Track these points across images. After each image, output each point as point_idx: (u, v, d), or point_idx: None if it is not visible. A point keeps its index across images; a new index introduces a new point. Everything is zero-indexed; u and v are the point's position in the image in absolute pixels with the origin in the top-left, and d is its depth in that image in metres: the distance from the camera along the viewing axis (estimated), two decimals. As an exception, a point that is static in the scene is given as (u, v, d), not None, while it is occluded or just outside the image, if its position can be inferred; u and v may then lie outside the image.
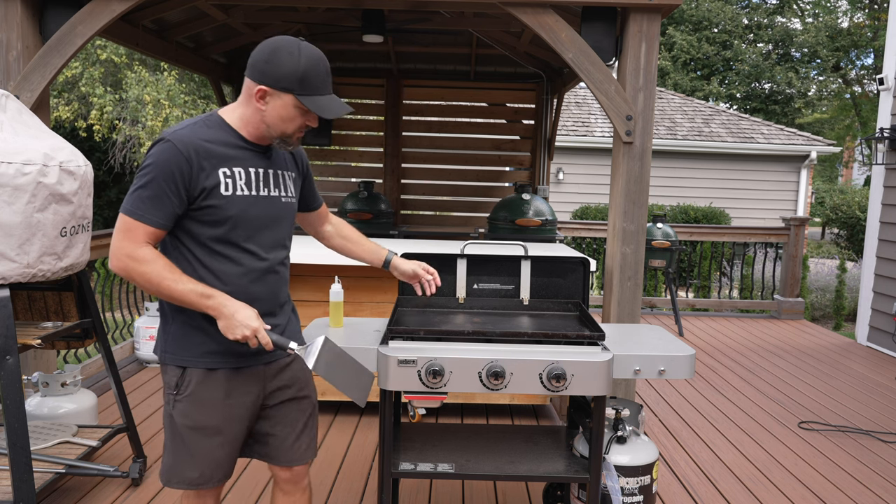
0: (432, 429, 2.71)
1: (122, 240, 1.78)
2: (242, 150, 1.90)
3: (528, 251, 2.71)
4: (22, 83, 3.40)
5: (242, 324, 1.79)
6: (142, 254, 1.77)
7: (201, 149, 1.82)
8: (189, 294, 1.79)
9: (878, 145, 6.50)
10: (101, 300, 5.08)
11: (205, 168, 1.81)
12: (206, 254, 1.88)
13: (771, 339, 6.73)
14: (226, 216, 1.85)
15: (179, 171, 1.78)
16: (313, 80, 1.83)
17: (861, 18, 23.74)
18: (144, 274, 1.77)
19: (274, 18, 5.67)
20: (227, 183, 1.85)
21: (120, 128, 11.34)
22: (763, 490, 3.36)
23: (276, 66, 1.80)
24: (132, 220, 1.78)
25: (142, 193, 1.78)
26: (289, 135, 1.89)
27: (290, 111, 1.84)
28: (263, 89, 1.82)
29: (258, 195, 1.92)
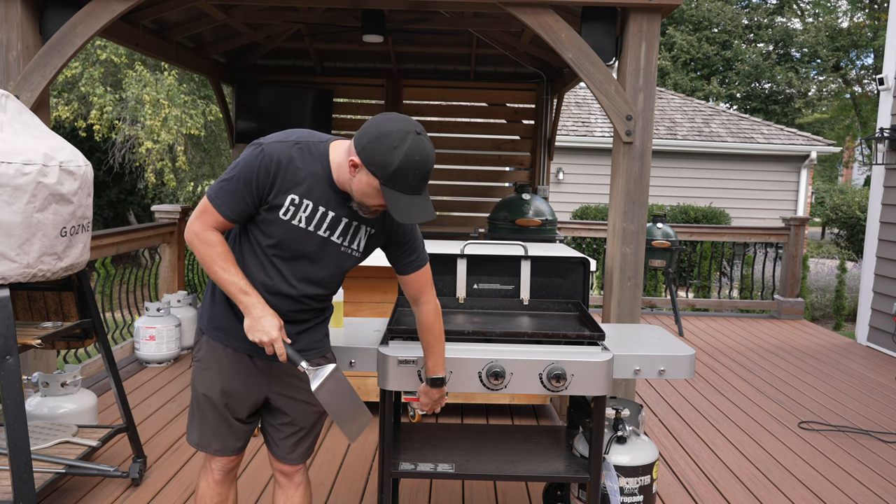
0: (432, 429, 2.71)
1: (197, 219, 1.94)
2: (324, 190, 1.92)
3: (528, 251, 2.71)
4: (22, 83, 3.39)
5: (264, 329, 1.89)
6: (207, 237, 1.93)
7: (284, 168, 1.88)
8: (231, 285, 1.92)
9: (878, 145, 6.50)
10: (101, 300, 5.08)
11: (279, 184, 1.89)
12: (250, 253, 1.99)
13: (771, 339, 6.73)
14: (273, 233, 1.94)
15: (257, 179, 1.88)
16: (402, 179, 1.80)
17: (861, 18, 23.74)
18: (203, 254, 1.94)
19: (274, 18, 5.67)
20: (288, 209, 1.91)
21: (119, 127, 11.33)
22: (763, 490, 3.36)
23: (374, 151, 1.79)
24: (209, 205, 1.92)
25: (224, 186, 1.91)
26: (366, 206, 1.91)
27: (371, 191, 1.84)
28: (356, 162, 1.82)
29: (314, 233, 1.94)
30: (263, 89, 6.93)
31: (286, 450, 2.17)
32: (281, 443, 2.16)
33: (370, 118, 1.90)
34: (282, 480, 2.22)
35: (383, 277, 3.98)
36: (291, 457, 2.18)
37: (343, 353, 2.27)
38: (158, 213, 6.00)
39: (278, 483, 2.23)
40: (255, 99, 6.91)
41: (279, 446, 2.17)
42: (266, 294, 1.97)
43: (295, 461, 2.18)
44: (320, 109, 7.00)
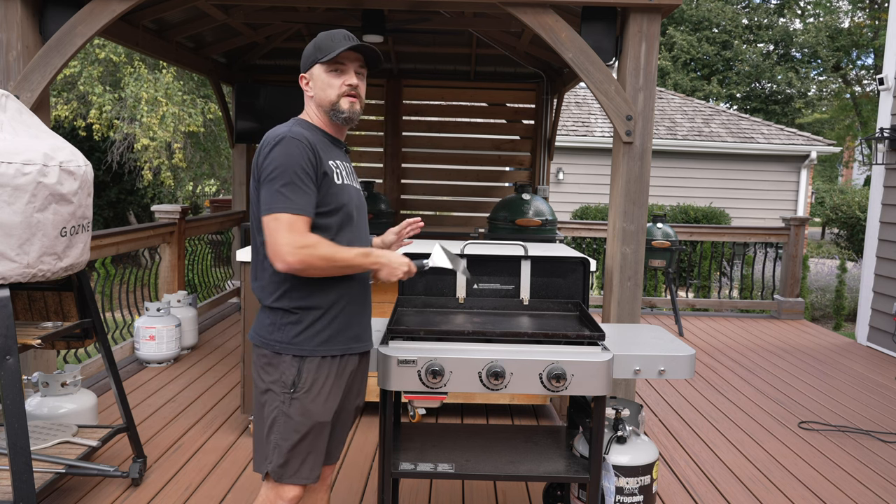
0: (432, 429, 2.71)
1: (289, 234, 1.85)
2: (333, 146, 2.06)
3: (528, 251, 2.71)
4: (22, 83, 3.39)
5: (400, 264, 1.98)
6: (311, 240, 1.87)
7: (312, 141, 1.94)
8: (356, 258, 1.93)
9: (878, 145, 6.50)
10: (101, 300, 5.08)
11: (321, 158, 1.94)
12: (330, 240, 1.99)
13: (771, 339, 6.73)
14: (341, 203, 1.98)
15: (304, 162, 1.89)
16: (326, 41, 2.00)
17: (861, 18, 23.73)
18: (323, 255, 1.87)
19: (274, 18, 5.67)
20: (336, 173, 1.99)
21: (118, 126, 11.33)
22: (763, 490, 3.36)
23: (303, 57, 2.04)
24: (292, 216, 1.86)
25: (287, 191, 1.86)
26: (335, 101, 2.01)
27: (323, 78, 2.00)
28: (303, 76, 2.04)
29: (351, 185, 2.07)
30: (263, 89, 6.93)
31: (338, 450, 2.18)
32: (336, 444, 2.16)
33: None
34: (316, 485, 2.20)
35: (383, 277, 3.98)
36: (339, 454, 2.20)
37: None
38: (158, 213, 6.00)
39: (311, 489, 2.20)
40: (255, 99, 6.91)
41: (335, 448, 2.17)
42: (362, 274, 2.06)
43: (338, 458, 2.20)
44: (320, 109, 6.99)
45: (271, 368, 1.99)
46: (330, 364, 2.01)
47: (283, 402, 1.98)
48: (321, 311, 1.98)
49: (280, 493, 2.02)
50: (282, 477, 2.00)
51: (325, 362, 2.00)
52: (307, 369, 1.98)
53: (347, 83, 2.00)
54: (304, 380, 1.98)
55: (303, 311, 1.97)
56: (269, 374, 1.99)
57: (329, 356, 2.01)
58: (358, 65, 2.04)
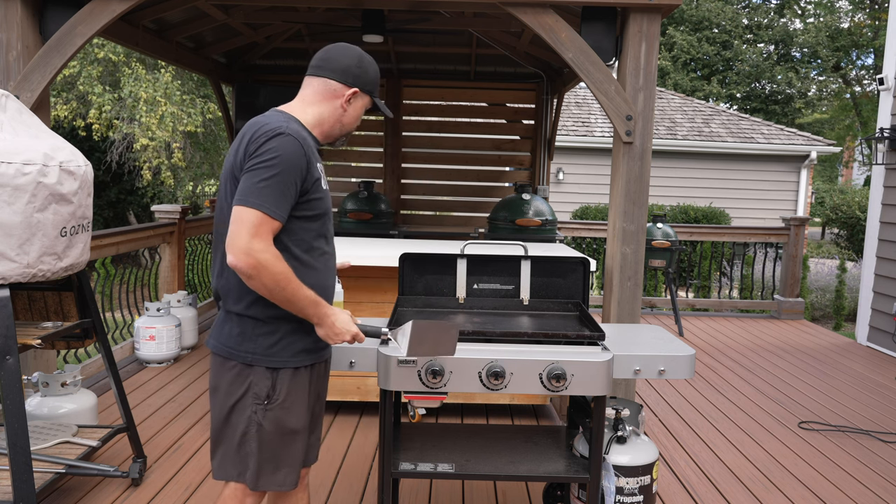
0: (432, 429, 2.71)
1: (253, 236, 1.73)
2: (315, 149, 1.98)
3: (528, 251, 2.71)
4: (22, 83, 3.39)
5: (345, 329, 1.89)
6: (273, 252, 1.75)
7: (307, 143, 1.87)
8: (305, 300, 1.81)
9: (878, 145, 6.50)
10: (101, 300, 5.08)
11: (311, 162, 1.87)
12: (307, 249, 1.91)
13: (771, 339, 6.73)
14: (325, 209, 1.94)
15: (301, 164, 1.81)
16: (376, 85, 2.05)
17: (861, 18, 23.73)
18: (276, 276, 1.74)
19: (274, 18, 5.67)
20: (322, 178, 1.95)
21: (117, 126, 11.33)
22: (763, 490, 3.36)
23: (367, 73, 1.99)
24: (262, 215, 1.74)
25: (268, 187, 1.75)
26: (348, 133, 2.06)
27: (360, 111, 2.03)
28: (356, 92, 1.98)
29: (328, 191, 2.02)
30: (263, 89, 6.93)
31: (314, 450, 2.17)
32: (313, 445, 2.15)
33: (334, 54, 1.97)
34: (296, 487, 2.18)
35: (383, 277, 3.98)
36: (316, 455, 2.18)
37: (343, 353, 2.27)
38: (158, 213, 6.00)
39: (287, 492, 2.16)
40: (254, 99, 6.91)
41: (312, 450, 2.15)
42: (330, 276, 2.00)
43: (315, 459, 2.18)
44: (320, 109, 6.99)
45: (241, 380, 1.90)
46: (304, 374, 1.97)
47: (256, 412, 1.90)
48: (298, 321, 1.91)
49: (248, 491, 1.98)
50: (257, 485, 1.95)
51: (299, 373, 1.95)
52: (281, 381, 1.91)
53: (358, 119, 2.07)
54: (279, 392, 1.91)
55: (277, 321, 1.89)
56: (240, 386, 1.90)
57: (303, 367, 1.96)
58: None
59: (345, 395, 4.08)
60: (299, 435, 1.99)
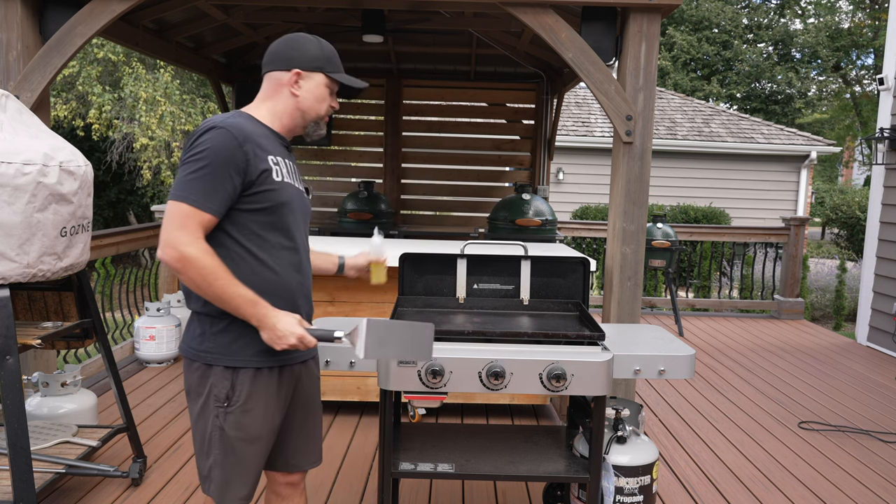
0: (432, 429, 2.71)
1: (178, 229, 1.70)
2: (276, 143, 1.93)
3: (528, 251, 2.71)
4: (22, 83, 3.39)
5: (288, 332, 1.77)
6: (200, 246, 1.71)
7: (252, 137, 1.82)
8: (238, 298, 1.74)
9: (878, 145, 6.50)
10: (101, 300, 5.08)
11: (258, 153, 1.81)
12: (260, 245, 1.84)
13: (771, 339, 6.73)
14: (280, 201, 1.85)
15: (235, 157, 1.75)
16: (335, 60, 1.95)
17: (861, 18, 23.74)
18: (201, 270, 1.70)
19: (274, 18, 5.67)
20: (275, 169, 1.86)
21: (117, 126, 11.33)
22: (763, 490, 3.36)
23: (303, 52, 1.90)
24: (187, 207, 1.71)
25: (197, 180, 1.72)
26: (321, 116, 1.96)
27: (321, 91, 1.93)
28: (298, 72, 1.90)
29: (295, 186, 1.96)
30: (263, 89, 6.92)
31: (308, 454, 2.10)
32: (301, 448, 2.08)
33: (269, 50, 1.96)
34: (287, 492, 2.12)
35: (383, 277, 3.98)
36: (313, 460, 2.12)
37: (343, 353, 2.27)
38: (158, 213, 6.00)
39: (281, 496, 2.12)
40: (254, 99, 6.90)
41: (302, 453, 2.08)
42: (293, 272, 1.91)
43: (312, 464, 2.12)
44: (320, 109, 6.99)
45: (204, 381, 1.85)
46: (267, 376, 1.88)
47: (218, 416, 1.84)
48: None
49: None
50: (223, 499, 1.89)
51: (262, 374, 1.87)
52: (241, 382, 1.84)
53: (333, 106, 1.97)
54: (238, 393, 1.84)
55: (234, 317, 1.81)
56: (203, 387, 1.85)
57: (266, 367, 1.87)
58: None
59: (345, 395, 4.08)
60: (261, 442, 1.90)
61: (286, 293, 1.90)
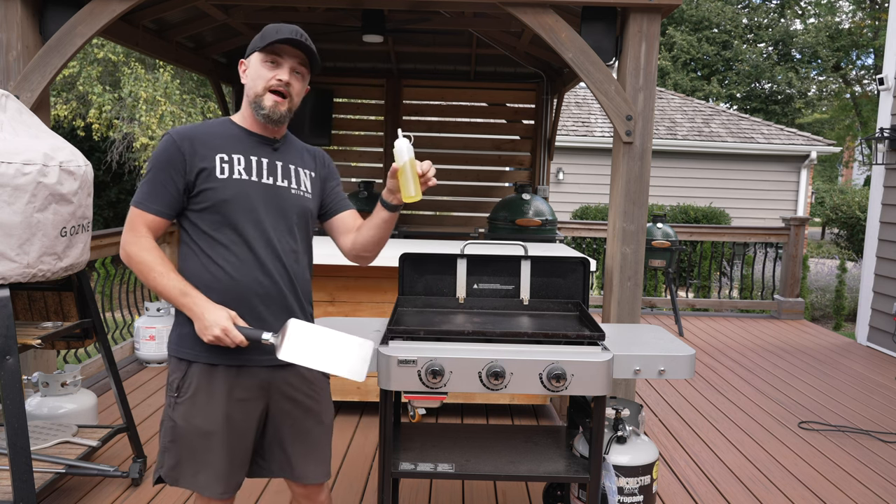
0: (432, 429, 2.71)
1: (126, 230, 1.87)
2: (245, 141, 1.95)
3: (528, 251, 2.71)
4: (22, 83, 3.39)
5: (213, 323, 1.78)
6: (140, 244, 1.84)
7: (197, 137, 1.89)
8: (170, 289, 1.82)
9: (878, 145, 6.50)
10: (101, 300, 5.08)
11: (199, 152, 1.87)
12: (209, 244, 1.89)
13: (771, 339, 6.73)
14: (221, 198, 1.87)
15: (173, 160, 1.85)
16: (270, 30, 1.89)
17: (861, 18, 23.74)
18: (139, 264, 1.84)
19: (274, 18, 5.66)
20: (223, 167, 1.88)
21: (117, 126, 11.33)
22: (763, 490, 3.36)
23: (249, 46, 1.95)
24: (135, 210, 1.86)
25: (143, 185, 1.87)
26: (260, 94, 1.89)
27: (256, 68, 1.91)
28: (241, 61, 1.97)
29: (259, 182, 1.93)
30: (263, 89, 6.92)
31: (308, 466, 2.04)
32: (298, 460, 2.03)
33: None
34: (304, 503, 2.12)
35: (383, 277, 3.98)
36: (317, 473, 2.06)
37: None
38: (158, 213, 5.99)
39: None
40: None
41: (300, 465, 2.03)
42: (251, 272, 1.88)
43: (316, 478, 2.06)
44: (320, 109, 7.00)
45: (168, 370, 1.97)
46: (221, 373, 1.90)
47: (170, 405, 1.92)
48: None
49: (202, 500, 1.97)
50: (177, 480, 1.93)
51: (216, 371, 1.89)
52: (191, 374, 1.89)
53: (278, 77, 1.88)
54: (188, 385, 1.89)
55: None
56: (168, 376, 1.96)
57: (222, 365, 1.89)
58: (297, 62, 1.91)
59: (345, 395, 4.08)
60: (214, 438, 1.89)
61: (237, 291, 1.89)
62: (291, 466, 2.04)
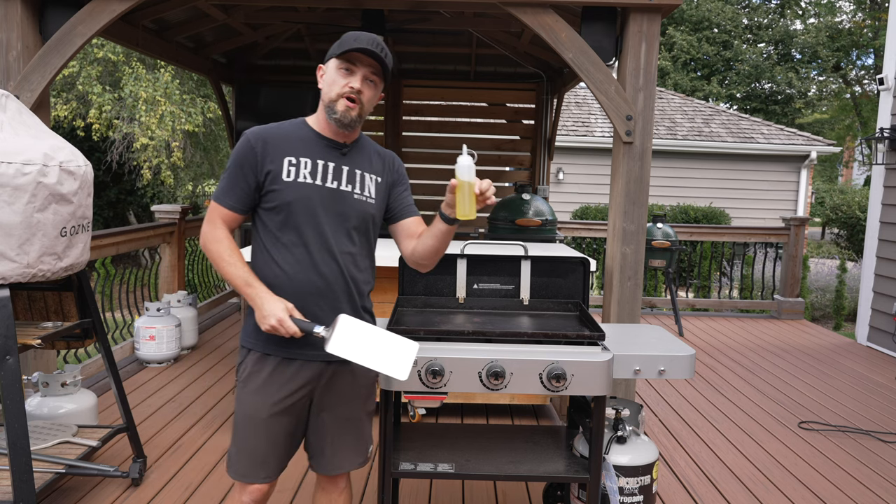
0: (432, 429, 2.71)
1: (205, 221, 2.01)
2: (315, 144, 2.02)
3: (528, 251, 2.71)
4: (22, 83, 3.39)
5: (270, 313, 1.87)
6: (214, 234, 1.97)
7: (271, 139, 1.98)
8: (236, 278, 1.93)
9: (878, 145, 6.50)
10: (101, 300, 5.07)
11: (269, 154, 1.97)
12: (272, 241, 2.00)
13: (771, 339, 6.73)
14: (285, 201, 1.96)
15: (247, 158, 1.96)
16: (348, 38, 1.96)
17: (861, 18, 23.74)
18: (211, 252, 1.97)
19: (274, 18, 5.66)
20: (289, 170, 1.97)
21: (117, 126, 11.32)
22: (763, 490, 3.36)
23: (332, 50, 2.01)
24: (213, 203, 2.00)
25: (221, 181, 2.01)
26: (334, 99, 1.96)
27: (332, 74, 1.99)
28: (320, 66, 2.05)
29: (322, 186, 2.00)
30: (263, 89, 6.93)
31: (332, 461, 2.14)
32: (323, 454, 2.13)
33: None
34: (328, 486, 2.21)
35: (383, 277, 3.98)
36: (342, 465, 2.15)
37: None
38: (158, 213, 6.00)
39: (323, 489, 2.22)
40: (255, 99, 6.91)
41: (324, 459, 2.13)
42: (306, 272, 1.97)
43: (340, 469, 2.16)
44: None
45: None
46: (271, 363, 2.01)
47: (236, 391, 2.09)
48: None
49: (242, 488, 2.08)
50: (228, 468, 2.08)
51: (267, 360, 2.01)
52: (248, 361, 2.03)
53: (351, 85, 1.95)
54: (243, 371, 2.04)
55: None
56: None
57: (273, 355, 2.01)
58: (370, 71, 1.97)
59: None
60: (259, 424, 2.01)
61: (292, 290, 1.98)
62: (318, 460, 2.14)
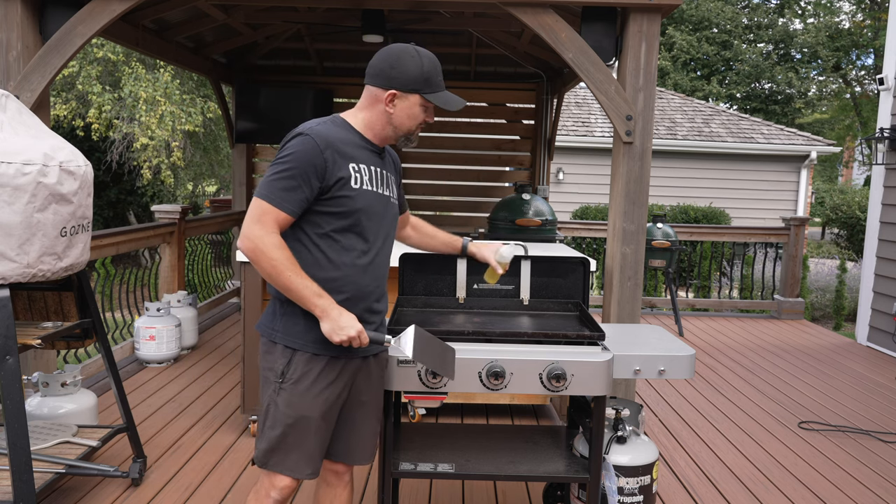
0: (432, 429, 2.71)
1: (255, 223, 1.88)
2: (365, 150, 2.04)
3: (528, 251, 2.71)
4: (22, 83, 3.39)
5: (348, 325, 1.89)
6: (272, 240, 1.87)
7: (334, 144, 1.94)
8: (304, 290, 1.88)
9: (878, 145, 6.50)
10: (101, 300, 5.07)
11: (338, 161, 1.94)
12: (330, 245, 1.98)
13: (771, 339, 6.73)
14: (355, 208, 1.97)
15: (315, 163, 1.89)
16: (435, 78, 2.02)
17: (861, 18, 23.74)
18: (271, 261, 1.87)
19: (274, 18, 5.67)
20: (356, 177, 1.98)
21: (117, 126, 11.32)
22: (763, 490, 3.36)
23: (404, 72, 1.98)
24: (268, 206, 1.88)
25: (279, 182, 1.89)
26: (412, 131, 2.06)
27: (415, 110, 2.02)
28: (394, 93, 1.99)
29: (377, 192, 2.05)
30: (263, 89, 6.93)
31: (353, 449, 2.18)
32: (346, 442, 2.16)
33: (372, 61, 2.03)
34: (332, 479, 2.23)
35: (383, 277, 3.98)
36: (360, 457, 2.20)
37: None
38: (158, 213, 6.00)
39: (327, 482, 2.24)
40: (255, 99, 6.91)
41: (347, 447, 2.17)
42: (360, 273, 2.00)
43: (357, 460, 2.20)
44: (320, 109, 7.00)
45: (268, 356, 2.03)
46: (322, 363, 2.01)
47: (274, 390, 2.02)
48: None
49: (273, 482, 2.06)
50: (266, 464, 2.05)
51: (317, 360, 2.00)
52: (296, 361, 2.00)
53: (427, 120, 2.06)
54: (293, 372, 2.00)
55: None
56: (266, 362, 2.04)
57: (322, 355, 2.00)
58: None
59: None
60: (311, 423, 2.01)
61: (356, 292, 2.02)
62: (344, 449, 2.17)
